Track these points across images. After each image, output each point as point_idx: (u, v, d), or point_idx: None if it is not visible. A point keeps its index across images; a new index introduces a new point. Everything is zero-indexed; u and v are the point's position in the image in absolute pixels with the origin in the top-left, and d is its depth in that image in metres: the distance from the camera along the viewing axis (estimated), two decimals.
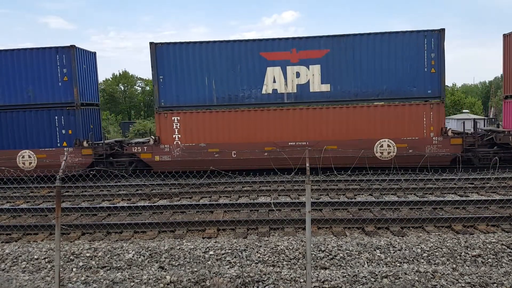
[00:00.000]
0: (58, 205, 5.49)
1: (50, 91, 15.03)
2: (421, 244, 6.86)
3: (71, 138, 15.08)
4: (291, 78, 14.62)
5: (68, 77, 14.88)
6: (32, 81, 15.02)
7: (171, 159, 14.80)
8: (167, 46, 14.73)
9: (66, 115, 15.04)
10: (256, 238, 7.50)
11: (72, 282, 5.96)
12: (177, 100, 14.91)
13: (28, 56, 14.97)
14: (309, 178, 5.11)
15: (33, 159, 15.01)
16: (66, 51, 14.86)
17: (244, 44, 14.69)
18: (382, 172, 12.68)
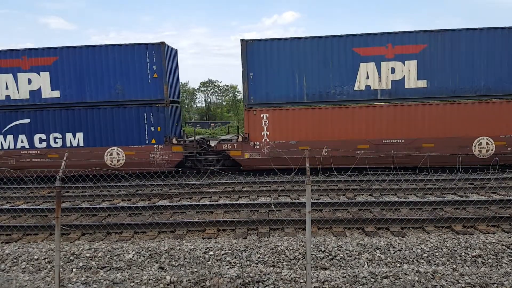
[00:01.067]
0: (58, 206, 5.49)
1: (139, 88, 14.82)
2: (421, 244, 6.86)
3: (160, 135, 14.90)
4: (386, 74, 14.36)
5: (158, 74, 14.71)
6: (121, 77, 14.82)
7: (261, 156, 14.68)
8: (258, 43, 14.59)
9: (155, 112, 14.83)
10: (256, 238, 7.50)
11: (72, 283, 5.96)
12: (266, 97, 14.75)
13: (117, 52, 14.76)
14: (309, 178, 5.11)
15: (122, 156, 14.88)
16: (156, 48, 14.64)
17: (337, 40, 14.46)
18: (382, 173, 12.68)
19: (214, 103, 70.73)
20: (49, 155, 14.92)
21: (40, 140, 15.04)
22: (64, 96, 14.88)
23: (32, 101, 14.95)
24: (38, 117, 14.97)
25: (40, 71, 14.82)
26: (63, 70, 14.81)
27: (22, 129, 15.01)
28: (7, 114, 15.00)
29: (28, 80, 14.87)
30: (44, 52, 14.83)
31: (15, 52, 14.89)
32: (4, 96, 14.97)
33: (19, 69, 14.86)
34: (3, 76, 14.86)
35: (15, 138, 15.04)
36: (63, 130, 15.00)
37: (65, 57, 14.78)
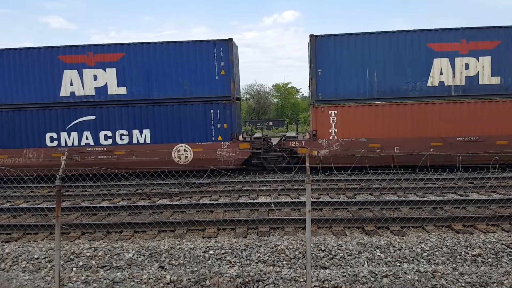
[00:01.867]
0: (58, 205, 5.49)
1: (206, 84, 14.71)
2: (421, 243, 6.86)
3: (226, 132, 14.82)
4: (460, 70, 14.14)
5: (225, 70, 14.61)
6: (188, 74, 14.72)
7: (329, 154, 14.53)
8: (328, 38, 14.44)
9: (222, 109, 14.73)
10: (256, 237, 7.50)
11: (72, 282, 5.96)
12: (335, 94, 14.57)
13: (184, 49, 14.66)
14: (309, 177, 5.11)
15: (189, 153, 14.79)
16: (224, 44, 14.55)
17: (410, 35, 14.28)
18: (382, 172, 12.68)
19: None
20: (116, 152, 14.84)
21: (106, 137, 14.92)
22: (131, 92, 14.79)
23: (97, 98, 14.80)
24: (104, 114, 14.85)
25: (106, 67, 14.71)
26: (130, 66, 14.70)
27: (87, 126, 14.88)
28: (72, 111, 14.84)
29: (93, 77, 14.74)
30: (110, 48, 14.75)
31: (81, 48, 14.75)
32: (68, 92, 14.80)
33: (84, 65, 14.72)
34: (68, 72, 14.72)
35: (79, 135, 14.91)
36: (130, 127, 14.90)
37: (132, 54, 14.68)
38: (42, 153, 14.83)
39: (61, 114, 14.85)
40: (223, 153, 14.76)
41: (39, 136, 14.90)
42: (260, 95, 64.94)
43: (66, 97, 14.79)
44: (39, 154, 14.83)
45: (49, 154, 14.80)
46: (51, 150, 14.85)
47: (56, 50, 14.74)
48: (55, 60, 14.70)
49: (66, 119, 14.86)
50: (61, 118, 14.86)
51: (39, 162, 14.58)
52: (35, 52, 14.77)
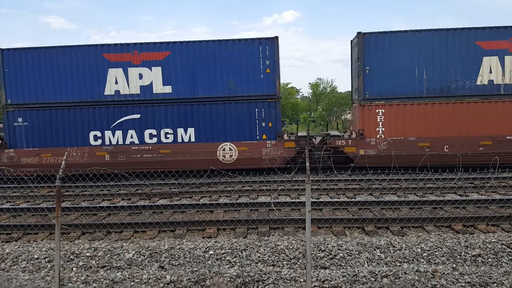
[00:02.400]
0: (58, 205, 5.49)
1: (251, 83, 14.65)
2: (421, 243, 6.86)
3: (271, 130, 14.77)
4: (509, 68, 14.12)
5: (270, 69, 14.55)
6: (234, 72, 14.67)
7: (377, 153, 14.50)
8: (376, 36, 14.42)
9: (266, 107, 14.69)
10: (256, 237, 7.50)
11: (72, 282, 5.96)
12: (383, 92, 14.50)
13: (230, 47, 14.62)
14: (309, 177, 5.11)
15: (234, 152, 14.74)
16: (270, 43, 14.50)
17: (459, 33, 14.25)
18: (382, 172, 12.68)
19: None
20: (161, 150, 14.79)
21: (151, 135, 14.89)
22: (176, 91, 14.76)
23: (143, 96, 14.79)
24: (149, 112, 14.82)
25: (151, 66, 14.70)
26: (176, 65, 14.68)
27: (131, 124, 14.84)
28: (116, 110, 14.82)
29: (139, 75, 14.72)
30: (156, 46, 14.70)
31: (126, 46, 14.73)
32: (113, 91, 14.77)
33: (129, 63, 14.70)
34: (113, 71, 14.71)
35: (124, 133, 14.87)
36: (175, 125, 14.87)
37: (178, 52, 14.65)
38: (86, 151, 14.78)
39: (105, 112, 14.83)
40: (268, 152, 14.71)
41: (83, 135, 14.87)
42: None
43: (110, 95, 14.77)
44: (83, 152, 14.78)
45: (93, 152, 14.77)
46: (95, 148, 14.82)
47: (101, 48, 14.72)
48: (100, 58, 14.69)
49: (110, 118, 14.84)
50: (105, 116, 14.83)
51: (83, 161, 14.59)
52: (80, 50, 14.75)
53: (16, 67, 14.77)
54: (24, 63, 14.77)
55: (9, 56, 14.77)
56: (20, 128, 14.89)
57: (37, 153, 14.80)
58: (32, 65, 14.77)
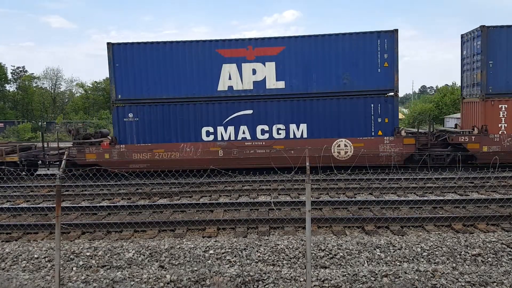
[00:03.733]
0: (58, 204, 5.49)
1: (368, 77, 14.27)
2: (421, 243, 6.86)
3: (387, 126, 14.40)
4: None
5: (388, 63, 14.16)
6: (350, 67, 14.32)
7: (500, 149, 14.14)
8: (500, 29, 14.12)
9: (383, 103, 14.34)
10: (256, 237, 7.50)
11: (72, 281, 5.96)
12: (506, 87, 14.13)
13: (347, 41, 14.32)
14: (309, 177, 5.11)
15: (350, 148, 14.46)
16: (389, 36, 14.13)
17: None
18: (382, 171, 12.68)
19: None
20: (274, 146, 14.63)
21: (263, 131, 14.76)
22: (289, 86, 14.58)
23: (255, 92, 14.65)
24: (262, 108, 14.69)
25: (265, 61, 14.52)
26: (290, 60, 14.48)
27: (244, 120, 14.74)
28: (229, 105, 14.73)
29: (252, 71, 14.57)
30: (270, 41, 14.53)
31: (241, 42, 14.61)
32: (226, 86, 14.67)
33: (244, 59, 14.56)
34: (227, 67, 14.60)
35: (236, 129, 14.77)
36: (287, 121, 14.68)
37: (292, 47, 14.43)
38: (200, 147, 14.73)
39: (218, 108, 14.73)
40: (386, 148, 14.40)
41: (195, 131, 14.80)
42: None
43: (224, 91, 14.67)
44: (197, 148, 14.73)
45: (207, 148, 14.74)
46: (208, 144, 14.75)
47: (215, 44, 14.61)
48: (214, 54, 14.58)
49: (223, 114, 14.73)
50: (218, 112, 14.74)
51: (196, 157, 14.57)
52: (193, 45, 14.67)
53: (126, 62, 14.67)
54: (136, 58, 14.65)
55: (120, 51, 14.63)
56: (131, 124, 14.81)
57: (150, 149, 14.74)
58: (144, 60, 14.65)
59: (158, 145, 14.73)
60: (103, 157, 14.79)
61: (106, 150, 14.79)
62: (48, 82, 60.85)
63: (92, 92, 60.94)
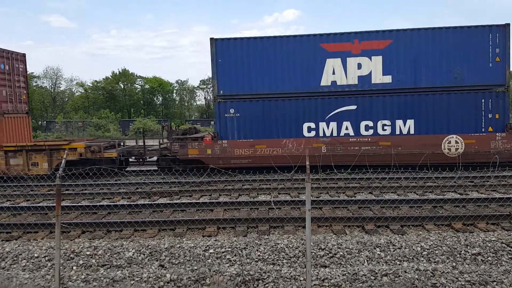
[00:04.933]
0: (58, 204, 5.49)
1: (479, 72, 13.93)
2: (421, 242, 6.87)
3: (498, 122, 14.00)
4: None
5: (500, 57, 13.85)
6: (460, 61, 13.98)
7: None
8: None
9: (494, 98, 13.95)
10: (256, 236, 7.51)
11: (72, 281, 5.97)
12: None
13: (458, 34, 13.98)
14: (309, 176, 5.11)
15: (460, 145, 14.10)
16: (501, 30, 13.80)
17: None
18: (382, 170, 12.68)
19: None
20: (381, 142, 14.35)
21: (367, 127, 14.47)
22: (396, 81, 14.26)
23: (360, 87, 14.36)
24: (367, 103, 14.38)
25: (371, 55, 14.25)
26: (398, 54, 14.20)
27: (347, 116, 14.45)
28: (332, 100, 14.47)
29: (357, 65, 14.28)
30: (378, 35, 14.26)
31: (346, 35, 14.32)
32: (330, 81, 14.42)
33: (349, 53, 14.30)
34: (331, 61, 14.34)
35: (338, 125, 14.51)
36: (393, 116, 14.36)
37: (400, 40, 14.15)
38: (303, 143, 14.55)
39: (321, 103, 14.51)
40: (498, 145, 14.05)
41: (297, 126, 14.62)
42: None
43: (327, 86, 14.43)
44: (299, 144, 14.55)
45: (309, 144, 14.52)
46: (311, 140, 14.58)
47: (320, 38, 14.38)
48: (318, 48, 14.36)
49: (326, 109, 14.49)
50: (320, 107, 14.52)
51: (298, 153, 14.37)
52: (297, 40, 14.47)
53: (229, 57, 14.55)
54: (239, 53, 14.56)
55: (223, 46, 14.51)
56: (232, 119, 14.74)
57: (252, 145, 14.67)
58: (247, 55, 14.55)
59: (260, 140, 14.65)
60: (205, 153, 14.75)
61: (208, 146, 14.78)
62: (48, 81, 60.98)
63: (92, 91, 60.96)
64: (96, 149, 14.69)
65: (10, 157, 14.73)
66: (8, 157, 14.71)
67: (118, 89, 62.68)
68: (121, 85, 64.11)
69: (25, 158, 14.66)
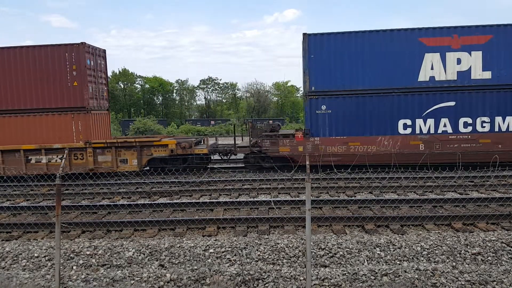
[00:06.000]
0: (58, 203, 5.49)
1: None
2: (421, 242, 6.87)
3: None
4: None
5: None
6: None
7: None
8: None
9: None
10: (256, 236, 7.51)
11: (72, 280, 5.97)
12: None
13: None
14: (309, 176, 5.11)
15: None
16: None
17: None
18: (382, 170, 12.67)
19: (214, 100, 70.73)
20: (481, 140, 14.05)
21: (465, 124, 14.16)
22: (496, 77, 13.97)
23: (459, 83, 14.09)
24: (466, 99, 14.08)
25: (471, 50, 13.98)
26: (498, 49, 13.92)
27: (445, 112, 14.15)
28: (430, 97, 14.19)
29: (457, 60, 14.03)
30: (478, 30, 13.98)
31: (446, 30, 14.08)
32: (428, 77, 14.13)
33: (448, 48, 14.03)
34: (429, 56, 14.06)
35: (436, 122, 14.21)
36: (493, 113, 14.06)
37: (501, 36, 13.90)
38: (399, 140, 14.31)
39: (418, 100, 14.23)
40: None
41: (392, 123, 14.37)
42: (260, 93, 64.90)
43: (425, 82, 14.16)
44: (395, 141, 14.32)
45: (406, 141, 14.30)
46: (408, 137, 14.30)
47: (418, 32, 14.15)
48: (416, 43, 14.11)
49: (423, 105, 14.21)
50: (418, 104, 14.23)
51: (394, 150, 14.21)
52: (393, 34, 14.24)
53: (322, 52, 14.33)
54: (332, 48, 14.33)
55: (316, 41, 14.30)
56: (324, 116, 14.52)
57: (345, 142, 14.49)
58: (340, 51, 14.31)
59: (354, 138, 14.41)
60: (297, 150, 14.63)
61: (300, 143, 14.65)
62: None
63: None
64: (187, 145, 14.70)
65: (98, 154, 14.69)
66: (97, 154, 14.68)
67: (118, 89, 62.66)
68: (121, 85, 64.10)
69: (114, 155, 14.65)
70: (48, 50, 14.77)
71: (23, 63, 14.78)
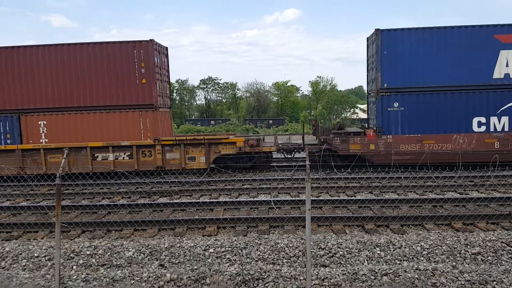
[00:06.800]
0: (58, 203, 5.49)
1: None
2: (421, 242, 6.87)
3: None
4: None
5: None
6: None
7: None
8: None
9: None
10: (256, 236, 7.51)
11: (72, 280, 5.97)
12: None
13: None
14: (309, 176, 5.11)
15: None
16: None
17: None
18: (382, 170, 12.67)
19: (214, 100, 70.73)
20: None
21: None
22: None
23: None
24: None
25: None
26: None
27: None
28: (505, 94, 14.00)
29: None
30: None
31: None
32: (502, 74, 13.98)
33: None
34: (505, 53, 13.90)
35: (510, 119, 14.06)
36: None
37: None
38: (474, 138, 14.14)
39: (493, 97, 14.07)
40: None
41: (466, 121, 14.18)
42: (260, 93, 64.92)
43: (499, 79, 14.02)
44: (471, 139, 14.14)
45: (481, 140, 14.10)
46: (483, 135, 14.14)
47: (493, 29, 13.99)
48: (491, 40, 13.95)
49: (498, 103, 14.05)
50: (492, 101, 14.09)
51: (470, 148, 14.07)
52: (469, 30, 14.08)
53: (395, 49, 14.18)
54: (406, 44, 14.16)
55: (389, 37, 14.17)
56: (396, 113, 14.37)
57: (419, 140, 14.30)
58: (414, 47, 14.12)
59: (428, 136, 14.26)
60: (368, 148, 14.50)
61: (371, 141, 14.52)
62: None
63: None
64: (255, 143, 14.66)
65: (166, 151, 14.65)
66: (165, 152, 14.65)
67: None
68: None
69: (182, 153, 14.60)
70: (116, 47, 14.58)
71: (90, 60, 14.56)
